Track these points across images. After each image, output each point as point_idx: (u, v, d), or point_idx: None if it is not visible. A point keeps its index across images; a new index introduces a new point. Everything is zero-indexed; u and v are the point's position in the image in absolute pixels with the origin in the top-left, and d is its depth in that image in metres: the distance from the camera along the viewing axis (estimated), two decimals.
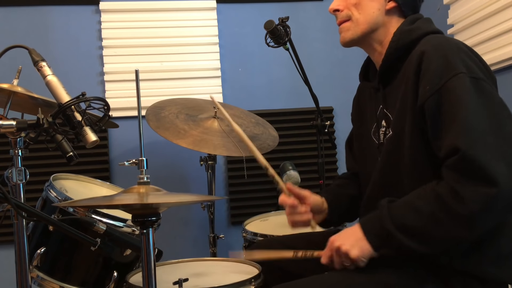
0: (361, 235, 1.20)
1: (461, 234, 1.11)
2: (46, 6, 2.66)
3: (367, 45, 1.40)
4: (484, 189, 1.06)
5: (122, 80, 2.68)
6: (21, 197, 1.36)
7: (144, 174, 1.16)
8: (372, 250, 1.19)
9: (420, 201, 1.15)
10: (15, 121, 1.29)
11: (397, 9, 1.36)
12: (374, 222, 1.21)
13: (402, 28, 1.32)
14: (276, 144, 2.24)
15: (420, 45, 1.25)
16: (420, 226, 1.13)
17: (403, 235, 1.14)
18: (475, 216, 1.08)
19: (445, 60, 1.16)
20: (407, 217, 1.15)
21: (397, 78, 1.30)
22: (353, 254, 1.19)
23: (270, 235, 1.87)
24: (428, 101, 1.16)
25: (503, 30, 2.04)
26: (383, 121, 1.35)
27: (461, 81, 1.13)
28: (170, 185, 2.03)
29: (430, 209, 1.13)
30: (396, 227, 1.15)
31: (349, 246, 1.20)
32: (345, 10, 1.38)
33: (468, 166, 1.08)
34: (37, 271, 1.63)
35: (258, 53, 2.83)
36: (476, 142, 1.08)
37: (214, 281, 1.38)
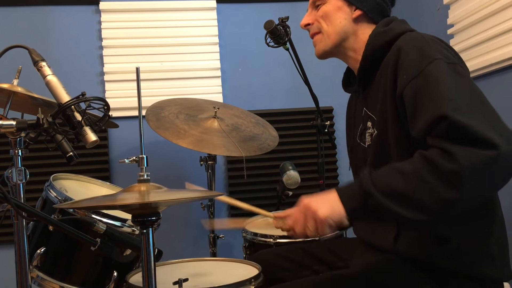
0: (335, 197, 1.13)
1: (450, 195, 1.02)
2: (46, 6, 2.67)
3: (341, 54, 1.43)
4: (482, 151, 1.00)
5: (122, 80, 2.68)
6: (21, 197, 1.36)
7: (144, 172, 1.16)
8: (344, 213, 1.11)
9: (405, 164, 1.09)
10: (15, 121, 1.29)
11: (364, 16, 1.38)
12: (352, 185, 1.14)
13: (377, 30, 1.34)
14: (276, 144, 2.24)
15: (395, 44, 1.26)
16: (403, 187, 1.06)
17: (384, 196, 1.07)
18: (465, 174, 1.01)
19: (421, 50, 1.18)
20: (389, 178, 1.08)
21: (375, 78, 1.32)
22: (321, 213, 1.11)
23: (270, 235, 1.87)
24: (407, 87, 1.15)
25: (503, 30, 2.04)
26: (368, 123, 1.36)
27: (439, 66, 1.13)
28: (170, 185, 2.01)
29: (414, 168, 1.06)
30: (376, 188, 1.08)
31: (319, 205, 1.13)
32: (315, 23, 1.44)
33: (460, 131, 1.03)
34: (37, 271, 1.63)
35: (258, 53, 2.83)
36: (463, 109, 1.04)
37: (214, 281, 1.38)
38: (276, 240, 1.85)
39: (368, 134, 1.37)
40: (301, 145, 2.82)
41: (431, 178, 1.03)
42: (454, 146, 1.02)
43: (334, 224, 1.12)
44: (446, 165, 1.02)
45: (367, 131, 1.37)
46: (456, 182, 1.01)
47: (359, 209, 1.11)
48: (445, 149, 1.03)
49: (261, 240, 1.89)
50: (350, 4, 1.38)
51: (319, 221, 1.12)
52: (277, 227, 1.25)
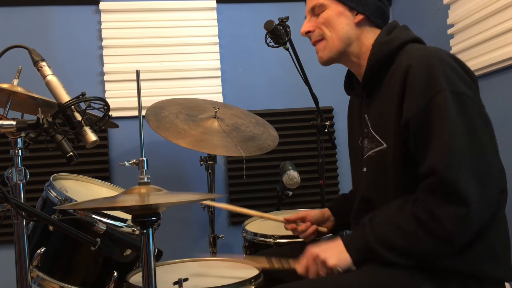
0: (342, 248, 1.25)
1: (443, 250, 1.17)
2: (46, 6, 2.67)
3: (345, 60, 1.43)
4: (457, 209, 1.12)
5: (122, 80, 2.68)
6: (21, 197, 1.36)
7: (145, 175, 1.16)
8: (351, 262, 1.24)
9: (402, 220, 1.20)
10: (15, 121, 1.29)
11: (366, 20, 1.38)
12: (357, 239, 1.25)
13: (380, 39, 1.34)
14: (276, 144, 2.24)
15: (404, 56, 1.27)
16: (403, 244, 1.18)
17: (388, 251, 1.19)
18: (453, 236, 1.14)
19: (429, 75, 1.19)
20: (392, 236, 1.20)
21: (381, 88, 1.32)
22: (330, 262, 1.23)
23: (270, 235, 1.87)
24: (413, 118, 1.19)
25: (503, 30, 2.04)
26: (365, 129, 1.38)
27: (443, 99, 1.16)
28: (170, 185, 2.02)
29: (412, 229, 1.17)
30: (381, 245, 1.20)
31: (328, 255, 1.24)
32: (316, 30, 1.41)
33: (444, 188, 1.14)
34: (37, 271, 1.63)
35: (258, 53, 2.83)
36: (452, 163, 1.13)
37: (214, 281, 1.38)
38: (276, 240, 1.85)
39: (366, 140, 1.38)
40: (301, 145, 2.82)
41: (427, 240, 1.16)
42: (438, 208, 1.14)
43: (342, 270, 1.24)
44: (436, 230, 1.15)
45: (365, 138, 1.38)
46: (449, 242, 1.15)
47: (364, 259, 1.23)
48: (431, 211, 1.15)
49: (261, 240, 1.89)
50: (352, 9, 1.37)
51: (329, 268, 1.24)
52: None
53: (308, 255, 1.28)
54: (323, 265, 1.24)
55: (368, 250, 1.22)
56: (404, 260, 1.19)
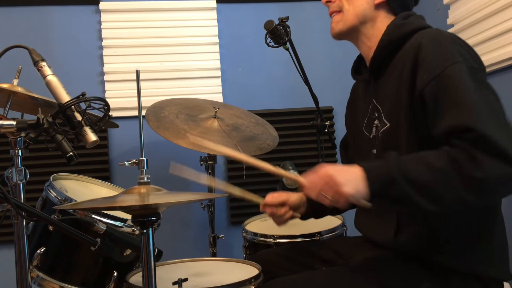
0: (361, 176, 1.12)
1: (469, 198, 1.07)
2: (46, 6, 2.66)
3: (355, 39, 1.42)
4: (504, 166, 1.04)
5: (122, 80, 2.68)
6: (21, 197, 1.36)
7: (144, 174, 1.16)
8: (367, 194, 1.11)
9: (433, 158, 1.10)
10: (15, 121, 1.29)
11: (386, 4, 1.38)
12: (379, 167, 1.13)
13: (396, 22, 1.34)
14: (276, 144, 2.24)
15: (414, 38, 1.26)
16: (429, 181, 1.08)
17: (409, 186, 1.08)
18: (489, 183, 1.05)
19: (442, 50, 1.18)
20: (417, 170, 1.09)
21: (388, 70, 1.32)
22: (345, 189, 1.10)
23: (270, 235, 1.87)
24: (428, 86, 1.16)
25: (503, 30, 2.04)
26: (375, 114, 1.36)
27: (460, 69, 1.14)
28: (170, 185, 2.02)
29: (443, 167, 1.07)
30: (403, 177, 1.09)
31: (343, 180, 1.11)
32: (336, 1, 1.41)
33: (486, 144, 1.05)
34: (37, 271, 1.63)
35: (258, 53, 2.83)
36: (489, 123, 1.07)
37: (214, 281, 1.38)
38: (276, 240, 1.85)
39: (374, 126, 1.37)
40: (301, 145, 2.82)
41: (456, 180, 1.06)
42: (482, 155, 1.05)
43: (353, 201, 1.12)
44: (472, 171, 1.05)
45: (374, 122, 1.37)
46: (478, 189, 1.06)
47: (381, 193, 1.11)
48: (472, 155, 1.05)
49: (261, 240, 1.89)
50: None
51: (341, 195, 1.11)
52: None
53: (321, 173, 1.15)
54: (335, 190, 1.11)
55: (389, 182, 1.09)
56: (424, 200, 1.08)
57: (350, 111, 1.58)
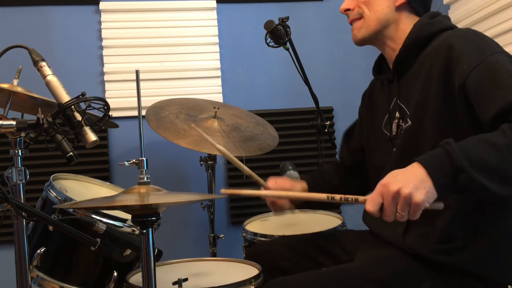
0: (425, 174, 1.01)
1: None
2: (46, 6, 2.66)
3: (379, 42, 1.41)
4: None
5: (122, 80, 2.68)
6: (21, 197, 1.36)
7: (144, 174, 1.16)
8: (436, 194, 1.02)
9: (494, 136, 1.02)
10: (15, 121, 1.29)
11: (407, 5, 1.37)
12: (439, 159, 1.03)
13: (423, 20, 1.33)
14: (276, 144, 2.24)
15: (441, 39, 1.26)
16: (498, 163, 1.00)
17: (480, 173, 0.99)
18: None
19: (478, 44, 1.18)
20: (482, 152, 1.01)
21: (413, 69, 1.31)
22: (418, 198, 1.00)
23: (270, 235, 1.87)
24: (469, 77, 1.14)
25: (503, 30, 2.04)
26: (397, 113, 1.35)
27: (501, 57, 1.13)
28: (170, 185, 2.02)
29: (509, 142, 0.99)
30: (470, 163, 0.99)
31: (412, 189, 1.00)
32: (355, 9, 1.39)
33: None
34: (37, 271, 1.63)
35: (258, 53, 2.83)
36: None
37: (214, 281, 1.38)
38: None
39: (394, 124, 1.36)
40: (301, 145, 2.82)
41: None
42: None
43: (428, 206, 1.03)
44: None
45: (394, 122, 1.36)
46: None
47: (448, 186, 1.03)
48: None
49: (261, 240, 1.89)
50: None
51: (415, 206, 1.01)
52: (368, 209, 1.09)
53: (383, 191, 1.04)
54: (407, 202, 1.01)
55: (454, 171, 1.00)
56: (495, 185, 1.00)
57: (367, 103, 1.56)
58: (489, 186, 1.00)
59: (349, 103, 2.85)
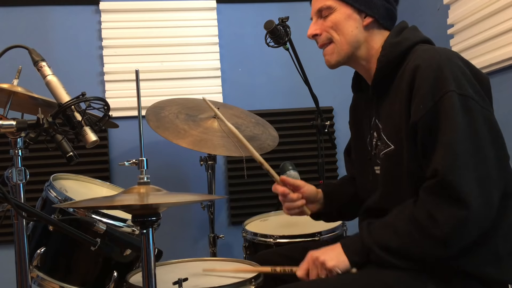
0: (340, 250, 1.26)
1: (438, 253, 1.16)
2: (46, 6, 2.67)
3: (353, 63, 1.41)
4: (457, 212, 1.11)
5: (122, 80, 2.68)
6: (21, 197, 1.36)
7: (144, 174, 1.16)
8: (349, 265, 1.24)
9: (398, 221, 1.21)
10: (15, 121, 1.29)
11: (375, 23, 1.36)
12: (354, 241, 1.26)
13: (391, 40, 1.32)
14: (276, 144, 2.24)
15: (412, 57, 1.25)
16: (398, 245, 1.19)
17: (384, 252, 1.20)
18: (449, 237, 1.13)
19: (437, 77, 1.18)
20: (387, 236, 1.20)
21: (391, 90, 1.31)
22: (329, 264, 1.24)
23: (270, 235, 1.87)
24: (421, 120, 1.18)
25: (503, 30, 2.04)
26: (375, 132, 1.36)
27: (450, 100, 1.16)
28: (170, 185, 2.02)
29: (407, 229, 1.18)
30: (376, 244, 1.21)
31: (327, 257, 1.25)
32: (324, 34, 1.39)
33: (444, 189, 1.13)
34: (37, 271, 1.63)
35: (258, 53, 2.83)
36: (454, 166, 1.13)
37: (214, 281, 1.38)
38: (276, 240, 1.85)
39: (374, 143, 1.37)
40: (301, 145, 2.82)
41: (422, 240, 1.16)
42: (438, 209, 1.14)
43: (341, 271, 1.24)
44: (432, 231, 1.14)
45: (373, 140, 1.37)
46: (444, 244, 1.15)
47: (360, 260, 1.24)
48: (430, 212, 1.14)
49: (261, 240, 1.89)
50: (360, 12, 1.34)
51: (328, 270, 1.24)
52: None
53: (308, 259, 1.30)
54: (323, 267, 1.25)
55: (364, 251, 1.23)
56: (399, 261, 1.19)
57: (353, 117, 1.57)
58: (396, 263, 1.19)
59: (349, 103, 2.84)
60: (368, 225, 1.26)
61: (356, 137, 1.54)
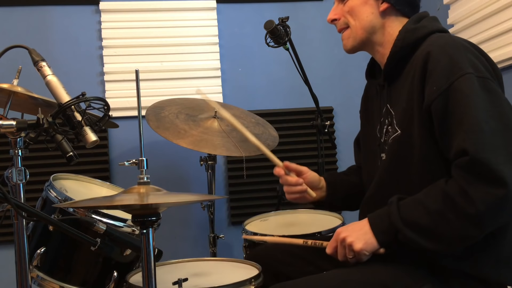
0: (368, 229, 1.23)
1: (470, 233, 1.12)
2: (46, 6, 2.66)
3: (370, 48, 1.41)
4: (493, 190, 1.07)
5: (122, 80, 2.68)
6: (21, 197, 1.36)
7: (144, 174, 1.16)
8: (377, 245, 1.22)
9: (429, 199, 1.16)
10: (15, 121, 1.29)
11: (392, 9, 1.36)
12: (382, 218, 1.22)
13: (408, 26, 1.32)
14: (276, 144, 2.24)
15: (426, 44, 1.25)
16: (429, 224, 1.14)
17: (412, 232, 1.16)
18: (483, 216, 1.09)
19: (452, 60, 1.16)
20: (416, 214, 1.16)
21: (402, 76, 1.30)
22: (357, 246, 1.21)
23: (270, 235, 1.87)
24: (435, 102, 1.16)
25: (503, 30, 2.04)
26: (388, 119, 1.35)
27: (469, 81, 1.13)
28: (170, 185, 2.02)
29: (439, 208, 1.13)
30: (404, 224, 1.17)
31: (354, 238, 1.22)
32: (342, 18, 1.40)
33: (477, 168, 1.09)
34: (37, 271, 1.63)
35: (258, 53, 2.83)
36: (485, 144, 1.09)
37: (214, 281, 1.38)
38: None
39: (384, 130, 1.36)
40: (301, 145, 2.82)
41: (454, 219, 1.12)
42: (472, 187, 1.09)
43: (369, 253, 1.23)
44: (466, 208, 1.10)
45: (385, 127, 1.36)
46: (476, 224, 1.11)
47: (390, 241, 1.21)
48: (463, 189, 1.10)
49: (261, 240, 1.89)
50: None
51: (356, 252, 1.23)
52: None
53: (336, 237, 1.27)
54: (350, 249, 1.23)
55: (393, 230, 1.19)
56: (428, 242, 1.15)
57: (364, 107, 1.56)
58: (424, 244, 1.16)
59: (349, 103, 2.86)
60: (397, 200, 1.22)
61: (365, 126, 1.53)
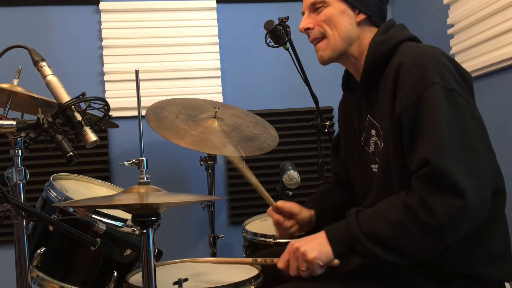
0: (324, 239, 1.20)
1: (430, 245, 1.11)
2: (46, 6, 2.67)
3: (344, 60, 1.39)
4: (453, 202, 1.07)
5: (122, 80, 2.68)
6: (21, 197, 1.36)
7: (144, 174, 1.16)
8: (332, 255, 1.18)
9: (389, 210, 1.15)
10: (15, 121, 1.29)
11: (367, 20, 1.35)
12: (340, 229, 1.20)
13: (377, 39, 1.31)
14: (276, 144, 2.24)
15: (397, 55, 1.25)
16: (388, 235, 1.13)
17: (371, 243, 1.14)
18: (444, 228, 1.08)
19: (421, 72, 1.16)
20: (377, 225, 1.15)
21: (379, 88, 1.30)
22: (310, 255, 1.18)
23: (270, 235, 1.87)
24: (404, 113, 1.16)
25: (503, 30, 2.04)
26: (372, 131, 1.34)
27: (435, 92, 1.13)
28: (170, 185, 2.02)
29: (399, 218, 1.12)
30: (364, 235, 1.15)
31: (308, 248, 1.19)
32: (316, 28, 1.36)
33: (438, 178, 1.09)
34: (37, 271, 1.63)
35: (258, 53, 2.83)
36: (445, 155, 1.09)
37: (214, 281, 1.38)
38: (276, 240, 1.85)
39: (372, 142, 1.35)
40: (301, 145, 2.82)
41: (415, 230, 1.10)
42: (433, 198, 1.08)
43: (323, 264, 1.18)
44: (426, 219, 1.08)
45: (371, 138, 1.35)
46: (438, 235, 1.10)
47: (346, 252, 1.18)
48: (424, 201, 1.09)
49: (261, 240, 1.89)
50: (354, 8, 1.33)
51: (309, 262, 1.18)
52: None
53: (289, 249, 1.24)
54: (303, 259, 1.19)
55: (351, 241, 1.16)
56: (388, 255, 1.13)
57: (343, 115, 1.55)
58: (382, 256, 1.13)
59: None
60: (356, 212, 1.20)
61: (347, 136, 1.52)
